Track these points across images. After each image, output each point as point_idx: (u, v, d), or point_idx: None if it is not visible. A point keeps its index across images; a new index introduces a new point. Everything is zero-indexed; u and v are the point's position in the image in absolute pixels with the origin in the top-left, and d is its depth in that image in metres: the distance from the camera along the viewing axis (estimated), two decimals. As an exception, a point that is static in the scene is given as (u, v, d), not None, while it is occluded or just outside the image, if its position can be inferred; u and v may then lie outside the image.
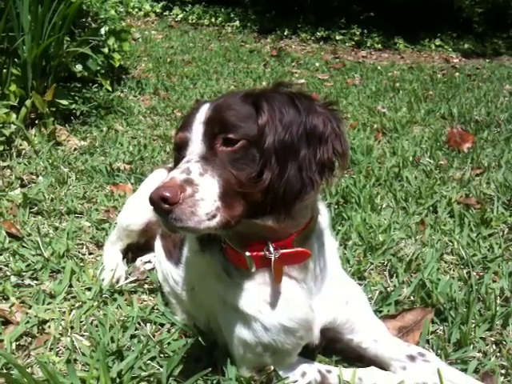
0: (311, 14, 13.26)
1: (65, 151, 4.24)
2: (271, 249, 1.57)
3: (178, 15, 15.53)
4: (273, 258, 1.57)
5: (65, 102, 4.81)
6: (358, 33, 12.85)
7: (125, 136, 4.75)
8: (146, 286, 2.42)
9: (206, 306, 1.85)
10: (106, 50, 6.06)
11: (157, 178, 2.32)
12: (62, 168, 3.82)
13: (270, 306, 1.63)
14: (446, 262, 2.61)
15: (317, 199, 1.70)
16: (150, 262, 2.55)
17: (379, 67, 9.80)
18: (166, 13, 15.84)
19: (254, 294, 1.64)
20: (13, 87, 4.44)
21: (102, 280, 2.38)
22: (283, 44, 12.48)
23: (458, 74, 9.40)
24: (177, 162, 1.53)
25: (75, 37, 5.64)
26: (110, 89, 6.08)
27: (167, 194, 1.32)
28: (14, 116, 4.19)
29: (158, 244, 2.26)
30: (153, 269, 2.47)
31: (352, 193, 3.34)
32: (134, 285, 2.42)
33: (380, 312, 2.16)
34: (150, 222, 2.42)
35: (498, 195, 3.32)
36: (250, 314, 1.63)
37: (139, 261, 2.58)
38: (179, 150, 1.54)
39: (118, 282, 2.41)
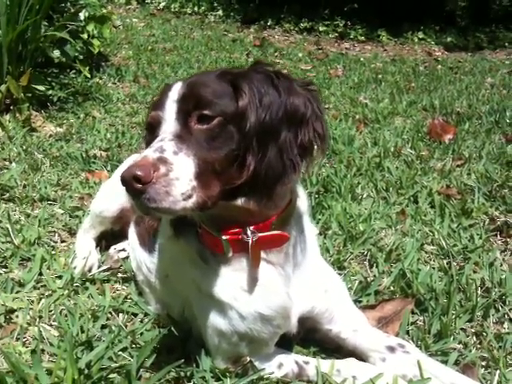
0: (295, 4, 13.19)
1: (40, 137, 4.12)
2: (248, 232, 1.52)
3: (160, 3, 15.37)
4: (250, 242, 1.51)
5: (41, 88, 4.70)
6: (341, 24, 12.83)
7: (102, 123, 4.65)
8: (119, 275, 2.34)
9: (181, 294, 1.79)
10: (85, 36, 5.92)
11: (132, 164, 2.24)
12: (36, 154, 3.71)
13: (246, 293, 1.57)
14: (426, 253, 2.58)
15: (296, 181, 1.65)
16: (124, 250, 2.47)
17: (362, 59, 9.78)
18: (148, 0, 15.65)
19: (229, 280, 1.58)
20: (-13, 72, 4.32)
21: (74, 268, 2.30)
22: (266, 34, 12.40)
23: (440, 66, 9.42)
24: (149, 143, 1.46)
25: (53, 22, 5.49)
26: (88, 75, 5.92)
27: (139, 173, 1.25)
28: (-13, 101, 4.09)
29: (131, 231, 2.19)
30: (127, 257, 2.39)
31: (333, 182, 3.29)
32: (107, 273, 2.34)
33: (359, 302, 2.11)
34: (124, 208, 2.34)
35: (478, 186, 3.30)
36: (225, 301, 1.58)
37: (113, 249, 2.50)
38: (151, 130, 1.48)
39: (90, 270, 2.32)
